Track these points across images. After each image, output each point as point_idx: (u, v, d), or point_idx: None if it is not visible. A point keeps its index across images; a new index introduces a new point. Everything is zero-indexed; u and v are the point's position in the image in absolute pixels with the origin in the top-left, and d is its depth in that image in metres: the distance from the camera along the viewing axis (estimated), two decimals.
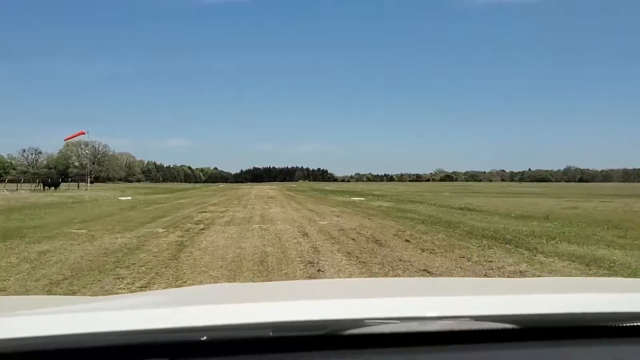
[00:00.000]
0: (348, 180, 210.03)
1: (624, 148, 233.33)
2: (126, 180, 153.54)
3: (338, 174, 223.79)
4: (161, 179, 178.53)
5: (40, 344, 0.88)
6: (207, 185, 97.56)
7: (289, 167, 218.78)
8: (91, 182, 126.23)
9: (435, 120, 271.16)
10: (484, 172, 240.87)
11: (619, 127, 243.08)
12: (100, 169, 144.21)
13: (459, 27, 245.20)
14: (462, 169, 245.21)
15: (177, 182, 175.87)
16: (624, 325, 1.05)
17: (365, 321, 0.96)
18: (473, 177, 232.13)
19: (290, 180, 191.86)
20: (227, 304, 1.16)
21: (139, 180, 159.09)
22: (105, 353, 0.89)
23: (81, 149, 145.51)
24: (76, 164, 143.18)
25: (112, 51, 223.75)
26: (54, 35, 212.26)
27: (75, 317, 1.02)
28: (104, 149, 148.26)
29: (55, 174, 78.42)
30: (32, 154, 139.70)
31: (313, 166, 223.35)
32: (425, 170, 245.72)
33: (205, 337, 0.91)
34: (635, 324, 1.05)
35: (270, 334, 0.93)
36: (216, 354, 0.92)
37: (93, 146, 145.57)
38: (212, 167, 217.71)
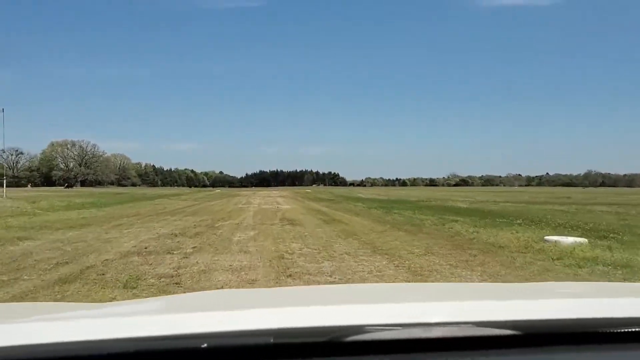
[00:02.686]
0: (364, 185, 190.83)
1: None
2: (119, 184, 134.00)
3: (348, 177, 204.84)
4: (160, 182, 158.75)
5: (40, 351, 0.84)
6: (201, 191, 77.10)
7: (298, 171, 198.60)
8: (68, 186, 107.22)
9: (445, 123, 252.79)
10: (500, 176, 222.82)
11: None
12: (88, 172, 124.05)
13: (471, 29, 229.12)
14: (472, 172, 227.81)
15: (177, 186, 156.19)
16: (629, 330, 0.99)
17: (367, 327, 0.92)
18: (489, 181, 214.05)
19: (299, 185, 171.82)
20: (227, 310, 1.11)
21: (134, 184, 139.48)
22: None
23: (67, 149, 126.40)
24: (61, 165, 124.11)
25: (118, 55, 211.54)
26: (59, 38, 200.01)
27: (74, 324, 0.99)
28: (93, 150, 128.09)
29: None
30: (12, 154, 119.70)
31: (321, 169, 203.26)
32: (437, 174, 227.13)
33: (205, 345, 0.87)
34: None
35: (272, 340, 0.89)
36: None
37: (81, 146, 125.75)
38: (217, 171, 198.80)
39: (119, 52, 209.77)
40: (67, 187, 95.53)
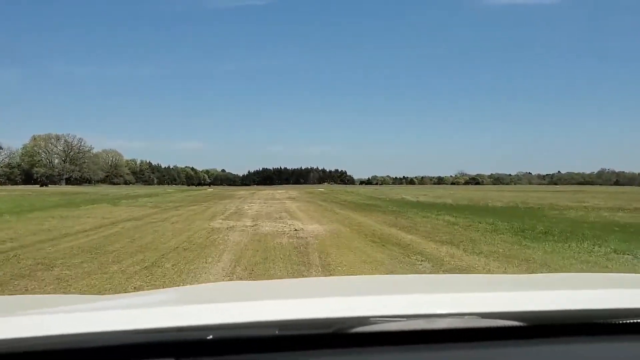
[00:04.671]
0: (376, 183, 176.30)
1: None
2: (111, 182, 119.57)
3: (354, 176, 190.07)
4: (156, 180, 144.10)
5: (46, 343, 0.82)
6: (189, 190, 62.00)
7: (303, 168, 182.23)
8: (43, 184, 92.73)
9: (451, 121, 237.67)
10: (510, 174, 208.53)
11: None
12: (73, 169, 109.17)
13: (478, 27, 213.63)
14: (478, 171, 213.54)
15: (176, 184, 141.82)
16: (635, 321, 0.97)
17: (371, 319, 0.90)
18: (499, 180, 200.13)
19: (304, 183, 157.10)
20: (232, 302, 1.08)
21: (126, 182, 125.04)
22: (111, 352, 0.83)
23: (51, 144, 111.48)
24: (45, 162, 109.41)
25: (122, 55, 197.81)
26: (62, 38, 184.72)
27: (80, 316, 0.97)
28: (79, 144, 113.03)
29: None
30: None
31: (326, 167, 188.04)
32: (443, 172, 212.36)
33: (211, 336, 0.86)
34: None
35: (276, 332, 0.88)
36: (222, 352, 0.86)
37: (66, 141, 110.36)
38: (219, 169, 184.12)
39: (122, 52, 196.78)
40: (42, 185, 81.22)
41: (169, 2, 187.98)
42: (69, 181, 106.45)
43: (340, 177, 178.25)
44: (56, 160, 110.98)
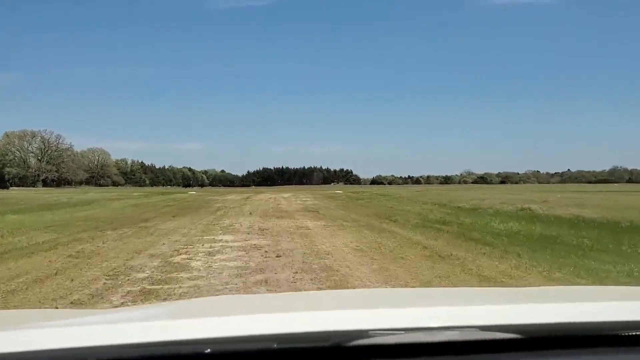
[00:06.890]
0: (389, 183, 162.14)
1: None
2: (96, 183, 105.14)
3: (359, 175, 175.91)
4: (148, 182, 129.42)
5: (41, 358, 0.80)
6: (170, 192, 46.68)
7: (306, 168, 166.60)
8: (2, 187, 78.69)
9: (456, 119, 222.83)
10: (518, 173, 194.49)
11: None
12: (50, 169, 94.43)
13: (483, 26, 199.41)
14: (485, 169, 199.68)
15: (172, 185, 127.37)
16: (631, 334, 0.95)
17: (370, 332, 0.88)
18: (508, 178, 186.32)
19: (307, 183, 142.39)
20: (230, 315, 1.06)
21: (115, 184, 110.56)
22: None
23: (26, 141, 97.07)
24: (18, 161, 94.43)
25: (122, 56, 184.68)
26: (64, 38, 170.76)
27: (78, 330, 0.96)
28: (57, 142, 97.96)
29: None
30: None
31: (330, 167, 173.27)
32: (450, 171, 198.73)
33: (209, 350, 0.83)
34: None
35: (275, 346, 0.85)
36: None
37: (42, 138, 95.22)
38: (218, 170, 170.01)
39: (122, 52, 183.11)
40: (2, 188, 66.81)
41: (169, 2, 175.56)
42: (45, 183, 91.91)
43: (345, 177, 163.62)
44: (32, 160, 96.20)
